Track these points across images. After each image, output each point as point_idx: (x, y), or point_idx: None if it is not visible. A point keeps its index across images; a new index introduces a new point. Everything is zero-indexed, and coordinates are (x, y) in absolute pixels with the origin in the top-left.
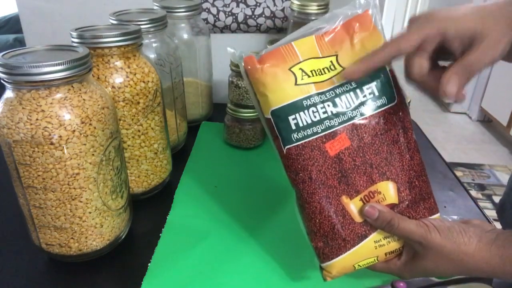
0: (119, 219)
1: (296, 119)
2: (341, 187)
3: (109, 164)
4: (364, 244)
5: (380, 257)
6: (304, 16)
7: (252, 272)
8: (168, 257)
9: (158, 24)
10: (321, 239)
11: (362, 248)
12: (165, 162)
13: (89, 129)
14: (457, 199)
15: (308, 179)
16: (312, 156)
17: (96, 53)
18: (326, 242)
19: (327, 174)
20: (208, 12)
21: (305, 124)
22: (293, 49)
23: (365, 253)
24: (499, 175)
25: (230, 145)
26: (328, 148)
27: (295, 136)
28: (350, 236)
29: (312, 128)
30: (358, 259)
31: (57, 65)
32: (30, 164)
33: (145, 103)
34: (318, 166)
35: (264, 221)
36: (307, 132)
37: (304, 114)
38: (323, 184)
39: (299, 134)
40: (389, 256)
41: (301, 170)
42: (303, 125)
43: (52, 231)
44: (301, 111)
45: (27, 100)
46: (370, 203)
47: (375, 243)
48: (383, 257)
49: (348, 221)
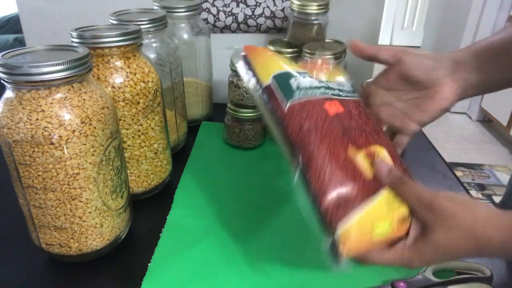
0: (119, 219)
1: (296, 82)
2: (345, 139)
3: (109, 164)
4: (378, 202)
5: (393, 224)
6: (304, 16)
7: (252, 272)
8: (168, 257)
9: (158, 24)
10: (331, 197)
11: (376, 208)
12: (165, 162)
13: (89, 129)
14: None
15: (314, 128)
16: (315, 112)
17: (96, 53)
18: (337, 201)
19: (330, 127)
20: (208, 12)
21: (305, 86)
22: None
23: (379, 214)
24: (499, 175)
25: (230, 145)
26: (327, 108)
27: (297, 93)
28: (362, 190)
29: (311, 90)
30: (374, 220)
31: (57, 65)
32: (30, 164)
33: (145, 103)
34: (322, 120)
35: (264, 221)
36: (307, 92)
37: (303, 79)
38: (330, 133)
39: (300, 93)
40: (399, 230)
41: (306, 120)
42: (303, 87)
43: (52, 231)
44: (300, 78)
45: (27, 100)
46: (380, 159)
47: (387, 203)
48: (395, 228)
49: (358, 174)
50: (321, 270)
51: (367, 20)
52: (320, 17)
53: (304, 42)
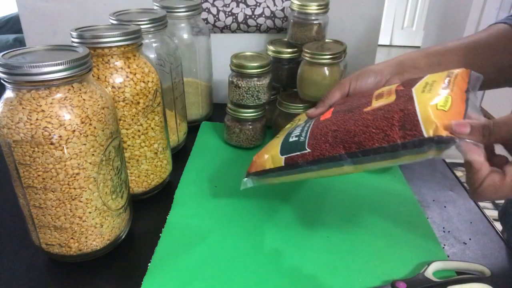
0: (119, 219)
1: (293, 136)
2: (356, 110)
3: (109, 164)
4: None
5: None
6: (304, 16)
7: (252, 272)
8: (168, 257)
9: (158, 24)
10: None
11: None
12: (165, 162)
13: (89, 129)
14: (457, 199)
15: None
16: (322, 127)
17: (96, 53)
18: (402, 123)
19: (339, 117)
20: (208, 12)
21: (300, 131)
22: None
23: (428, 97)
24: None
25: (230, 145)
26: (323, 118)
27: (301, 139)
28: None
29: (304, 128)
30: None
31: (57, 65)
32: (30, 164)
33: (145, 103)
34: (332, 121)
35: (264, 221)
36: (305, 131)
37: (294, 131)
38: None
39: (302, 135)
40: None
41: (324, 136)
42: (299, 132)
43: (52, 231)
44: (291, 134)
45: (27, 100)
46: (453, 122)
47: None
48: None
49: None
50: (322, 270)
51: (367, 20)
52: (320, 17)
53: (304, 42)
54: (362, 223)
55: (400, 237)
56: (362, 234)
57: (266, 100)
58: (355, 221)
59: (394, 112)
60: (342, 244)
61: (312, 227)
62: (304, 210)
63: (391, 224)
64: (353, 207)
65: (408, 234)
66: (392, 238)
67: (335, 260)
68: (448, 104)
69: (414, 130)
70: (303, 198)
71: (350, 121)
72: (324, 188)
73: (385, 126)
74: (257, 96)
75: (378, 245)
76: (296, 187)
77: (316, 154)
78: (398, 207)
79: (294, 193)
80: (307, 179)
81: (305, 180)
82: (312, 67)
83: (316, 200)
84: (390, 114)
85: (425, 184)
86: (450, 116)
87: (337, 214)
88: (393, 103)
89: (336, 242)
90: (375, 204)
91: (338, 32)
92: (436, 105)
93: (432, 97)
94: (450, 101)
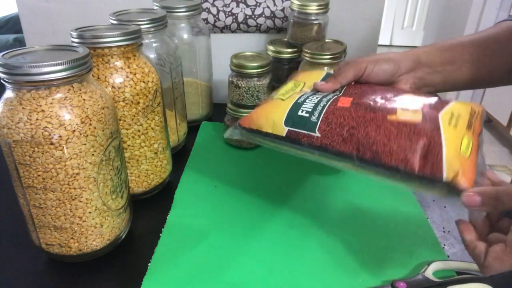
0: (119, 219)
1: (304, 110)
2: (378, 114)
3: (109, 164)
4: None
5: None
6: (304, 16)
7: (252, 272)
8: (168, 257)
9: (158, 24)
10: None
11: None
12: (165, 162)
13: (89, 129)
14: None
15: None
16: (337, 116)
17: (96, 53)
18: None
19: (358, 113)
20: (208, 12)
21: (312, 107)
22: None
23: (455, 135)
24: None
25: (230, 145)
26: (340, 105)
27: (313, 117)
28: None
29: (318, 106)
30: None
31: (57, 65)
32: (30, 164)
33: (145, 103)
34: (347, 115)
35: (264, 221)
36: (318, 110)
37: (306, 103)
38: (363, 119)
39: (315, 115)
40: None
41: (338, 126)
42: (312, 109)
43: (52, 231)
44: (302, 104)
45: (27, 100)
46: (464, 192)
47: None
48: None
49: (413, 125)
50: (322, 270)
51: (367, 20)
52: (320, 17)
53: (304, 42)
54: (362, 223)
55: (400, 237)
56: (362, 234)
57: None
58: (355, 221)
59: (419, 135)
60: (342, 244)
61: (311, 227)
62: (304, 210)
63: (391, 224)
64: (353, 207)
65: (408, 234)
66: (392, 238)
67: (335, 260)
68: (469, 150)
69: (435, 167)
70: (302, 198)
71: (371, 124)
72: (324, 188)
73: (407, 148)
74: (257, 96)
75: (378, 245)
76: (296, 187)
77: (324, 142)
78: (398, 207)
79: (294, 193)
80: (297, 156)
81: (306, 180)
82: (312, 67)
83: (315, 200)
84: (415, 137)
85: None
86: (467, 165)
87: (337, 214)
88: (419, 124)
89: (336, 242)
90: (375, 204)
91: (338, 32)
92: (460, 149)
93: (458, 136)
94: (470, 148)
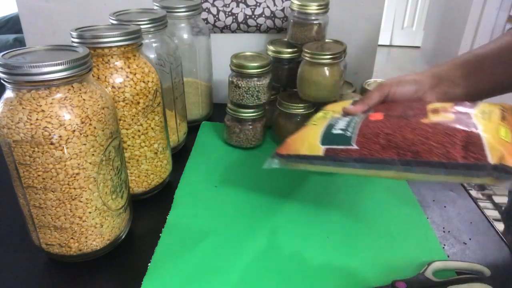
0: (119, 219)
1: (337, 127)
2: (412, 120)
3: (109, 164)
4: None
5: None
6: (304, 16)
7: (252, 272)
8: (168, 257)
9: (158, 24)
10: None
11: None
12: (165, 162)
13: (89, 129)
14: (457, 199)
15: (386, 133)
16: (373, 128)
17: (96, 53)
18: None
19: (393, 121)
20: (208, 12)
21: (345, 124)
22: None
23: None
24: None
25: (230, 145)
26: (373, 119)
27: (348, 132)
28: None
29: (351, 123)
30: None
31: (57, 65)
32: (30, 164)
33: (145, 103)
34: (383, 125)
35: (264, 221)
36: (352, 126)
37: (337, 122)
38: (399, 125)
39: (349, 129)
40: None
41: (376, 136)
42: (345, 125)
43: (52, 231)
44: (334, 125)
45: (27, 100)
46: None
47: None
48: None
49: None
50: (322, 270)
51: (367, 20)
52: (320, 17)
53: (304, 42)
54: (362, 223)
55: (400, 237)
56: (362, 234)
57: (266, 100)
58: (355, 221)
59: (456, 130)
60: (342, 244)
61: (312, 227)
62: (304, 210)
63: (391, 224)
64: (353, 207)
65: (408, 234)
66: (392, 238)
67: (335, 260)
68: (509, 136)
69: (478, 153)
70: (303, 198)
71: (406, 128)
72: (324, 188)
73: (446, 143)
74: (257, 96)
75: (378, 245)
76: (296, 187)
77: (363, 153)
78: (398, 207)
79: (294, 193)
80: (337, 173)
81: (306, 180)
82: (312, 67)
83: (316, 200)
84: (452, 132)
85: (425, 184)
86: (510, 148)
87: (337, 214)
88: (453, 121)
89: (336, 242)
90: (375, 204)
91: (338, 32)
92: (498, 135)
93: (493, 126)
94: (510, 134)
